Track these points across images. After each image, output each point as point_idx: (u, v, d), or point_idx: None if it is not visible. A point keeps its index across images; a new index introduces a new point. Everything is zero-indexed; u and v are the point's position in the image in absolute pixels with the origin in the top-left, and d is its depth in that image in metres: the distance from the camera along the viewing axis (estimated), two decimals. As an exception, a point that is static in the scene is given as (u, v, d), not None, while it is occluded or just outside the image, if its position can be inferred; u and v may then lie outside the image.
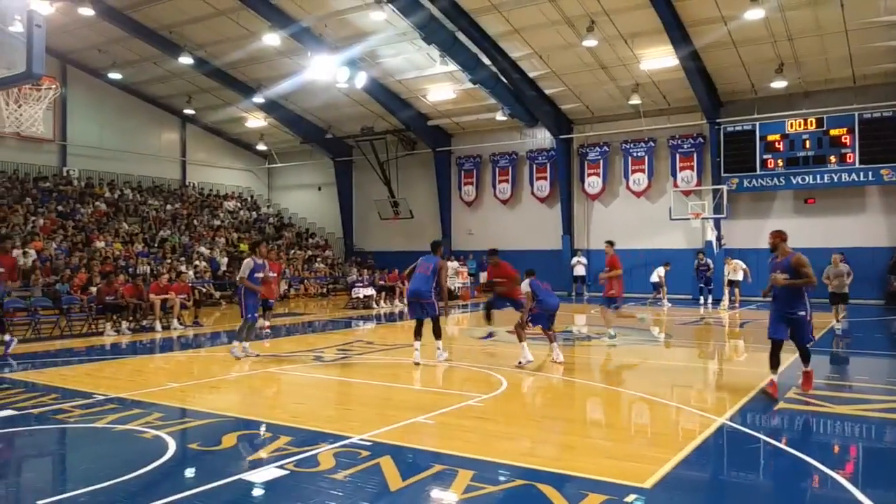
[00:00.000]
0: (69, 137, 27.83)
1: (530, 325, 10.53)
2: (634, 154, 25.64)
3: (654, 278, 22.12)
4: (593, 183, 26.54)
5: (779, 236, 8.01)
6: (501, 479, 4.98)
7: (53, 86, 7.31)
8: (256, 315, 11.06)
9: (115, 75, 27.48)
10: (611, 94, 24.44)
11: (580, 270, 25.54)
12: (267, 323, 14.39)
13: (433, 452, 5.57)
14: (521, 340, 10.29)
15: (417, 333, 10.35)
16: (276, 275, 14.60)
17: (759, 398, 7.74)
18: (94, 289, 16.04)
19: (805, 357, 7.91)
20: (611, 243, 13.69)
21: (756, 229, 22.57)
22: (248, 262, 10.97)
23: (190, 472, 5.31)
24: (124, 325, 14.81)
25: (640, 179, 25.59)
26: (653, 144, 25.33)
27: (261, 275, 11.10)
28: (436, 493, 4.70)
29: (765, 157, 22.69)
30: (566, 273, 25.79)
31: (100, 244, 22.06)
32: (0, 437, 6.43)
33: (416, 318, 10.45)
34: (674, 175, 24.90)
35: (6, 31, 6.52)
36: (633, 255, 25.42)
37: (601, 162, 26.36)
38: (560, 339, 13.55)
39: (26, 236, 20.81)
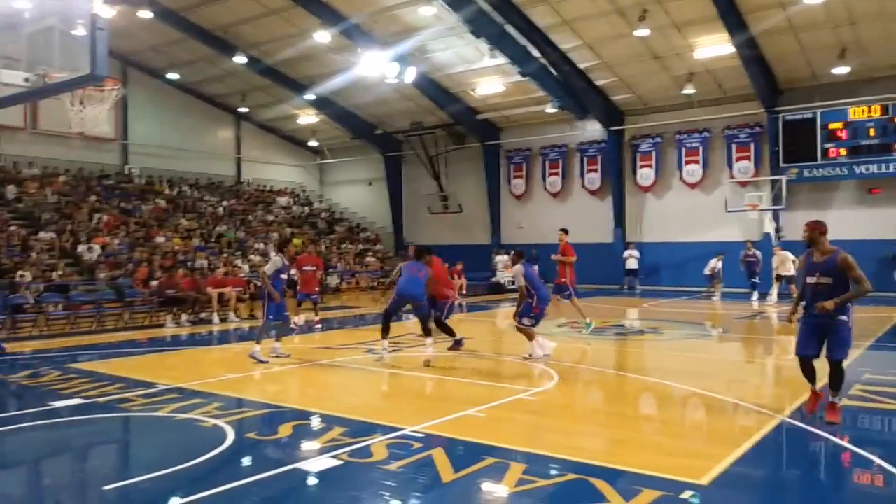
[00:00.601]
0: (130, 136, 28.77)
1: (527, 324, 10.10)
2: (688, 145, 25.08)
3: (707, 271, 21.59)
4: (646, 175, 26.07)
5: (817, 228, 6.28)
6: (553, 472, 4.97)
7: (116, 87, 7.57)
8: (285, 314, 10.44)
9: (172, 75, 28.28)
10: (663, 84, 23.95)
11: (632, 264, 25.16)
12: (316, 318, 14.46)
13: (485, 445, 5.59)
14: (530, 338, 10.02)
15: (386, 331, 10.25)
16: (315, 269, 14.47)
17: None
18: (155, 282, 16.57)
19: (836, 380, 6.19)
20: (564, 231, 14.35)
21: (817, 221, 21.85)
22: (275, 261, 10.40)
23: (248, 461, 5.45)
24: (183, 317, 15.27)
25: (694, 171, 25.02)
26: (707, 135, 24.72)
27: (286, 276, 10.61)
28: (488, 485, 4.72)
29: (826, 145, 21.89)
30: (618, 266, 25.43)
31: (160, 239, 22.76)
32: (69, 425, 6.73)
33: (392, 314, 10.52)
34: (729, 166, 24.25)
35: (70, 35, 6.79)
36: (688, 249, 24.93)
37: (654, 153, 25.87)
38: (612, 332, 13.42)
39: (91, 232, 21.63)
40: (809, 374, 6.47)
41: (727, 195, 23.47)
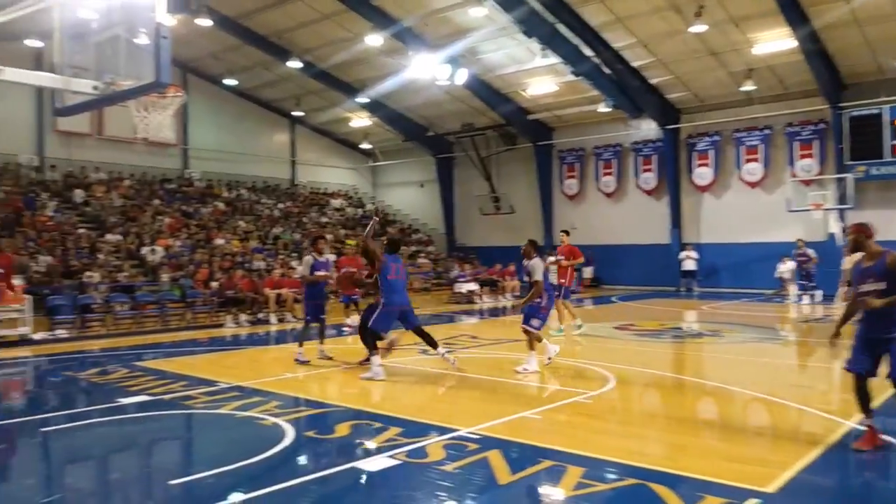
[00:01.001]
0: (190, 141, 29.63)
1: (536, 327, 9.26)
2: (748, 143, 24.38)
3: (784, 273, 20.94)
4: (703, 174, 25.47)
5: (861, 231, 5.71)
6: (612, 477, 4.90)
7: (179, 94, 7.79)
8: (322, 316, 10.25)
9: (230, 81, 29.02)
10: (721, 81, 23.35)
11: (690, 265, 24.61)
12: (351, 320, 14.08)
13: (541, 448, 5.54)
14: (533, 346, 9.23)
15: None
16: (356, 270, 14.06)
17: (891, 402, 7.18)
18: (215, 283, 17.02)
19: None
20: (566, 232, 14.07)
21: (886, 220, 20.73)
22: (307, 260, 10.16)
23: (306, 459, 5.54)
24: (242, 317, 15.63)
25: (754, 169, 24.31)
26: (768, 132, 23.99)
27: (322, 273, 10.20)
28: (545, 488, 4.68)
29: (894, 142, 20.99)
30: (674, 268, 24.93)
31: (219, 241, 23.37)
32: (135, 421, 6.96)
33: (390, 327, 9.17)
34: (791, 164, 23.48)
35: (135, 44, 7.03)
36: (748, 249, 24.26)
37: (711, 152, 25.24)
38: (669, 335, 13.14)
39: (154, 234, 22.36)
40: (862, 397, 5.61)
41: (789, 194, 22.71)
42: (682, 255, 24.87)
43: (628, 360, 10.23)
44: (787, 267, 20.85)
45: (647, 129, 26.45)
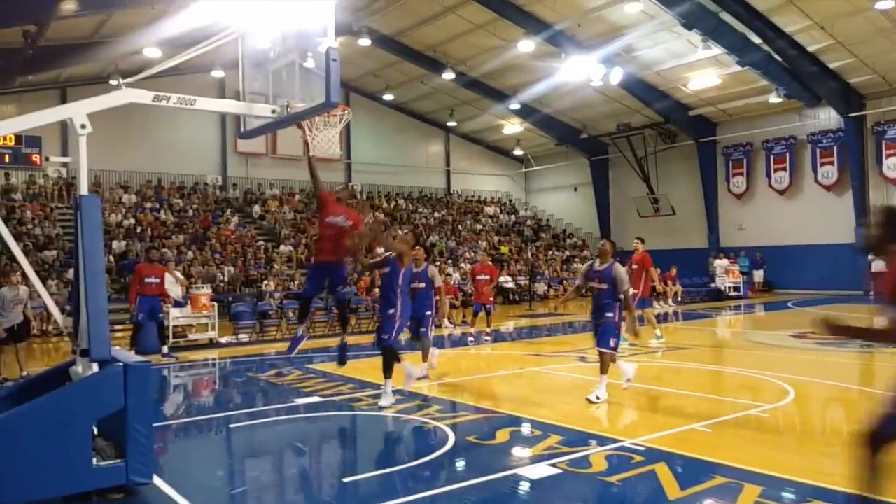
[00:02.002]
0: (353, 155, 31.32)
1: (614, 348, 7.67)
2: (949, 127, 21.63)
3: None
4: (894, 165, 22.89)
5: None
6: (793, 497, 4.51)
7: (346, 112, 8.23)
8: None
9: (388, 97, 30.34)
10: (914, 60, 20.91)
11: (879, 266, 22.15)
12: (488, 328, 13.91)
13: (713, 463, 5.22)
14: (606, 368, 7.63)
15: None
16: (488, 278, 13.89)
17: None
18: (376, 290, 17.78)
19: None
20: (641, 240, 12.96)
21: None
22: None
23: (469, 463, 5.62)
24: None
25: (957, 157, 21.51)
26: (975, 114, 21.15)
27: (417, 285, 9.01)
28: (719, 506, 4.40)
29: None
30: (860, 269, 22.59)
31: (379, 250, 24.46)
32: (309, 420, 7.43)
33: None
34: None
35: (306, 69, 7.54)
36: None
37: (904, 140, 22.66)
38: (855, 344, 11.91)
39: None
40: None
41: None
42: (871, 255, 22.46)
43: (809, 371, 9.39)
44: None
45: (826, 118, 24.26)
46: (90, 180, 22.09)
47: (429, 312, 9.27)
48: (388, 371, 7.50)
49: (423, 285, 9.20)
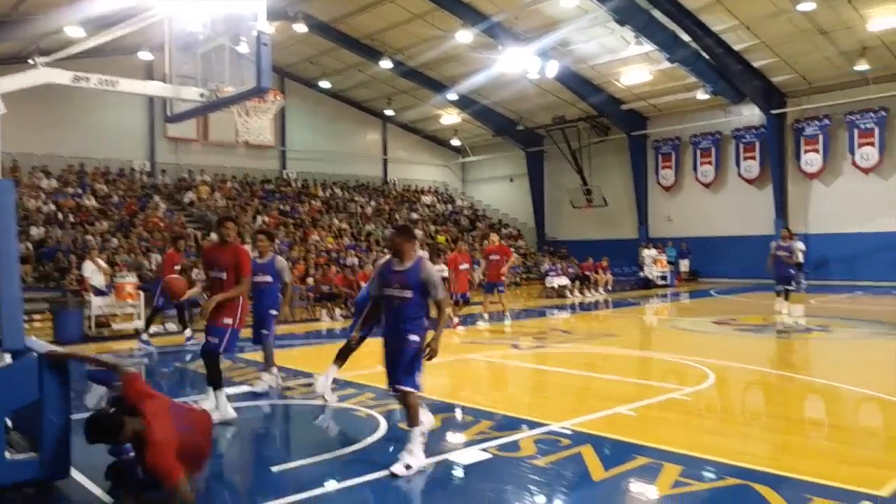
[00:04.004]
0: (287, 143, 30.78)
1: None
2: (862, 126, 22.83)
3: None
4: (811, 160, 24.07)
5: None
6: (711, 476, 4.72)
7: (278, 98, 8.10)
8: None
9: (324, 84, 29.92)
10: (831, 62, 21.96)
11: (797, 257, 23.31)
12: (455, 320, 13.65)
13: (636, 444, 5.41)
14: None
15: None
16: (468, 267, 14.06)
17: None
18: (310, 279, 17.60)
19: None
20: (497, 231, 14.07)
21: None
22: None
23: (400, 450, 5.64)
24: (337, 311, 16.10)
25: (868, 154, 22.75)
26: (884, 114, 22.37)
27: (261, 279, 8.06)
28: (640, 486, 4.57)
29: None
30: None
31: (314, 238, 24.16)
32: (239, 410, 7.29)
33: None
34: (912, 147, 21.84)
35: (237, 52, 7.37)
36: (862, 240, 22.77)
37: (820, 137, 23.81)
38: (773, 330, 12.50)
39: (254, 233, 23.38)
40: None
41: (910, 179, 21.15)
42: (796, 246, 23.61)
43: (729, 355, 9.82)
44: None
45: (750, 114, 25.27)
46: (7, 164, 21.07)
47: (273, 311, 8.01)
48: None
49: (268, 279, 7.99)
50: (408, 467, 4.82)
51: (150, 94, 7.69)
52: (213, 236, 6.16)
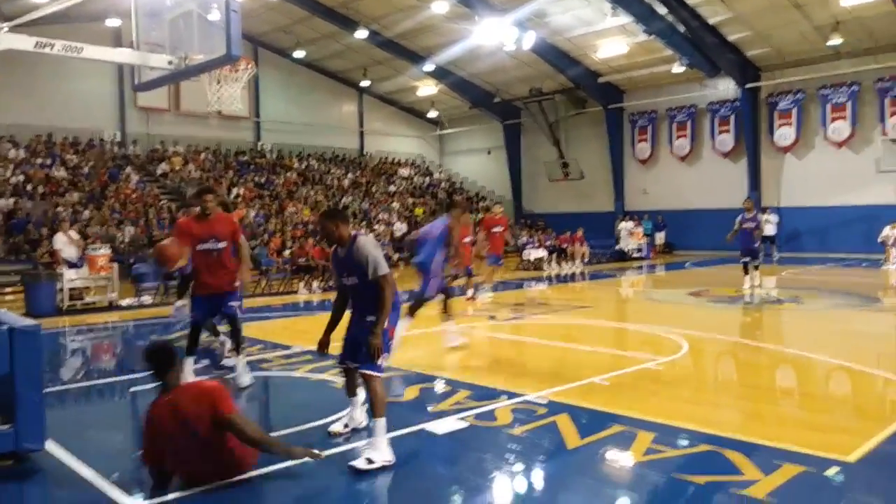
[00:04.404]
0: (262, 114, 30.33)
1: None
2: (834, 100, 23.09)
3: (881, 239, 19.62)
4: (785, 134, 24.32)
5: None
6: (684, 443, 4.82)
7: (249, 66, 7.96)
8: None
9: (299, 54, 29.40)
10: (805, 36, 22.09)
11: (769, 230, 23.62)
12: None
13: (610, 413, 5.49)
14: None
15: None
16: (470, 240, 13.35)
17: None
18: (287, 252, 17.49)
19: None
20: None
21: None
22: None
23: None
24: (315, 284, 16.04)
25: (840, 128, 23.04)
26: (856, 88, 22.63)
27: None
28: (614, 452, 4.64)
29: None
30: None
31: (291, 210, 23.96)
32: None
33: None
34: (882, 121, 22.13)
35: (206, 20, 7.20)
36: (833, 213, 23.17)
37: (794, 110, 24.05)
38: (744, 302, 12.72)
39: (230, 205, 23.09)
40: None
41: (880, 154, 21.49)
42: (762, 218, 23.91)
43: (702, 326, 9.99)
44: (889, 232, 19.44)
45: (725, 88, 25.40)
46: (-29, 134, 20.49)
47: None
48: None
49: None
50: (369, 461, 4.39)
51: (118, 61, 7.51)
52: (193, 210, 5.85)
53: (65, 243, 14.00)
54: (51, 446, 4.73)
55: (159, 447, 4.12)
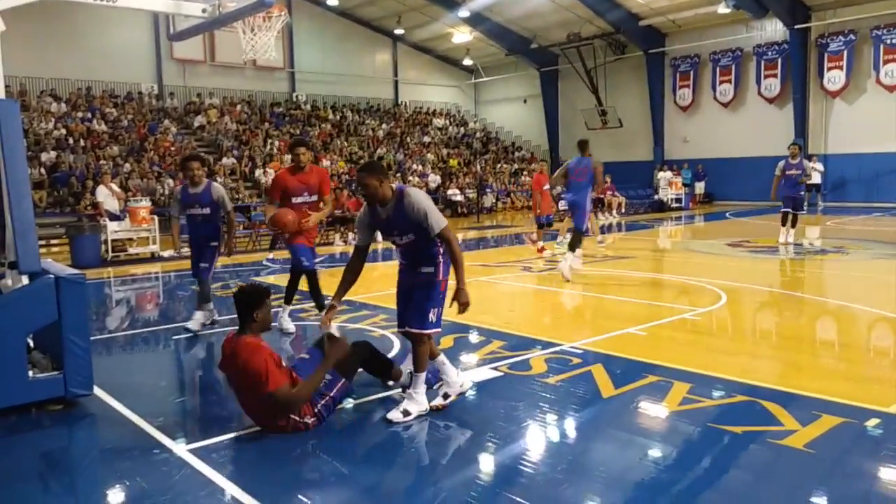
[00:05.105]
0: (296, 64, 30.18)
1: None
2: (888, 41, 21.99)
3: None
4: (834, 78, 23.33)
5: None
6: (720, 393, 4.78)
7: (283, 13, 7.87)
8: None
9: (332, 2, 29.01)
10: (861, -29, 20.98)
11: (815, 178, 22.93)
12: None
13: (646, 363, 5.47)
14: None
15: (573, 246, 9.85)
16: (548, 187, 13.81)
17: None
18: (323, 203, 17.57)
19: None
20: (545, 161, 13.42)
21: None
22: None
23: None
24: (350, 235, 16.15)
25: (894, 71, 22.00)
26: (914, 28, 21.51)
27: (198, 211, 7.63)
28: (649, 402, 4.63)
29: None
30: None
31: (326, 163, 24.00)
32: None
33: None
34: (940, 63, 21.08)
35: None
36: (884, 160, 22.33)
37: (845, 53, 23.00)
38: (786, 252, 12.43)
39: (265, 157, 23.23)
40: None
41: (936, 97, 20.50)
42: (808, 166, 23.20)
43: (741, 277, 9.81)
44: None
45: (773, 30, 24.38)
46: (14, 88, 20.85)
47: (214, 243, 7.48)
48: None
49: (206, 211, 7.35)
50: (406, 413, 4.33)
51: (152, 9, 7.47)
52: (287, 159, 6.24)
53: (107, 196, 14.31)
54: (98, 392, 4.91)
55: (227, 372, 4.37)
